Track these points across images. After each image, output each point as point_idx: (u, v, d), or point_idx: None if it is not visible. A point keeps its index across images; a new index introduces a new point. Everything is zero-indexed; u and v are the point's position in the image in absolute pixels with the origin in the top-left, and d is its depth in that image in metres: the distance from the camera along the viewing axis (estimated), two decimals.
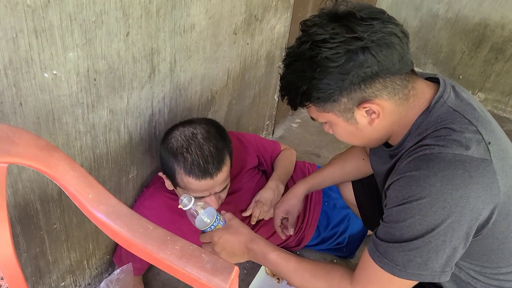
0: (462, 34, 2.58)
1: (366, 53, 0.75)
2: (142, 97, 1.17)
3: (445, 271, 0.77)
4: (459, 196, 0.72)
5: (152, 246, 0.76)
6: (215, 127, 1.23)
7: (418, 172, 0.75)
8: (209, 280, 0.72)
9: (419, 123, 0.82)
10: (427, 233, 0.74)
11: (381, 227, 0.82)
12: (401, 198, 0.76)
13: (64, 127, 0.99)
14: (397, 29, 0.77)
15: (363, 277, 0.82)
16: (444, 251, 0.75)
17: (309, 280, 0.89)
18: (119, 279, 0.80)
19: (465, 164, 0.73)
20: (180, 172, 1.15)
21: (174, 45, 1.19)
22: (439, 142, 0.76)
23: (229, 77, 1.55)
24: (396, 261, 0.77)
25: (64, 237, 1.16)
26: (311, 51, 0.77)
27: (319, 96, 0.80)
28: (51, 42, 0.85)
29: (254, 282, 1.42)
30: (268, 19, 1.62)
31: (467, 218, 0.73)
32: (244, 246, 0.96)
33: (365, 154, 1.26)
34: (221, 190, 1.21)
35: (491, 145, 0.75)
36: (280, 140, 2.20)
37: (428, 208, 0.73)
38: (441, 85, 0.83)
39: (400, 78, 0.79)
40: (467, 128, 0.76)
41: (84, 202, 0.77)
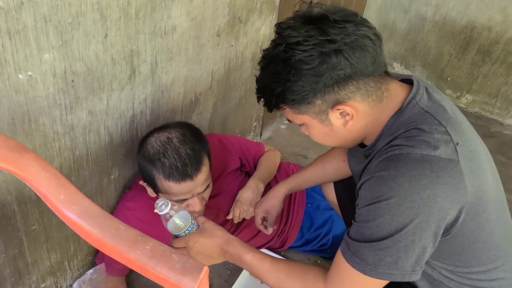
0: (449, 37, 2.60)
1: (339, 55, 0.76)
2: (123, 99, 1.18)
3: (415, 270, 0.77)
4: (427, 196, 0.73)
5: (124, 247, 0.76)
6: (190, 130, 1.23)
7: (387, 172, 0.76)
8: (179, 280, 0.72)
9: (391, 123, 0.83)
10: (396, 233, 0.75)
11: (353, 227, 0.82)
12: (370, 198, 0.77)
13: (41, 128, 0.99)
14: (370, 32, 0.78)
15: (336, 276, 0.83)
16: (414, 250, 0.76)
17: (284, 280, 0.89)
18: (91, 279, 0.80)
19: (432, 164, 0.74)
20: (160, 177, 1.15)
21: (154, 47, 1.20)
22: (408, 143, 0.77)
23: (213, 78, 1.56)
24: (367, 261, 0.77)
25: (44, 238, 1.16)
26: (285, 54, 0.78)
27: (293, 98, 0.81)
28: (25, 43, 0.86)
29: (237, 282, 1.42)
30: (253, 21, 1.63)
31: (435, 218, 0.74)
32: (220, 249, 0.96)
33: (346, 155, 1.26)
34: (203, 190, 1.21)
35: (459, 146, 0.76)
36: (268, 141, 2.21)
37: (397, 208, 0.74)
38: (414, 87, 0.84)
39: (374, 80, 0.80)
40: (437, 129, 0.77)
41: (56, 203, 0.78)
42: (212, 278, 1.50)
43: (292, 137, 2.26)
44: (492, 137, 2.50)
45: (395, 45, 2.84)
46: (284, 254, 1.60)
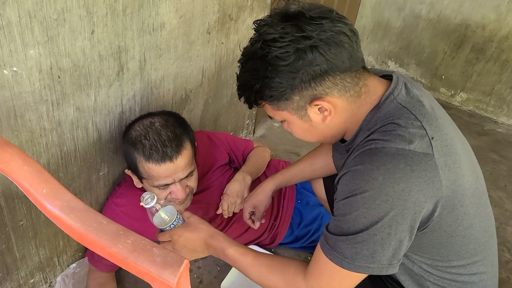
0: (444, 35, 2.61)
1: (314, 51, 0.77)
2: (111, 95, 1.18)
3: (392, 263, 0.78)
4: (401, 190, 0.74)
5: (105, 241, 0.76)
6: (174, 117, 1.25)
7: (362, 166, 0.77)
8: (159, 273, 0.72)
9: (369, 119, 0.83)
10: (372, 226, 0.75)
11: (331, 221, 0.83)
12: (347, 192, 0.78)
13: (27, 124, 1.00)
14: (346, 28, 0.79)
15: (315, 270, 0.84)
16: (390, 243, 0.76)
17: (265, 274, 0.90)
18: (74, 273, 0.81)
19: (407, 158, 0.75)
20: (141, 160, 1.16)
21: (143, 43, 1.20)
22: (384, 137, 0.78)
23: (204, 76, 1.56)
24: (345, 254, 0.78)
25: (32, 234, 1.17)
26: (262, 50, 0.79)
27: (271, 94, 0.82)
28: (9, 39, 0.86)
29: (226, 279, 1.43)
30: (244, 18, 1.63)
31: (410, 211, 0.75)
32: (204, 242, 0.97)
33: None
34: (185, 176, 1.21)
35: (434, 140, 0.77)
36: (261, 139, 2.22)
37: (372, 201, 0.75)
38: (393, 82, 0.85)
39: (351, 76, 0.81)
40: (412, 124, 0.78)
41: (38, 197, 0.78)
42: (202, 274, 1.51)
43: (285, 135, 2.27)
44: (486, 135, 2.51)
45: (390, 43, 2.84)
46: (275, 250, 1.61)
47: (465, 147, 0.87)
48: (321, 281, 0.83)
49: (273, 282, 0.89)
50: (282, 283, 0.88)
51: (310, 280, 0.84)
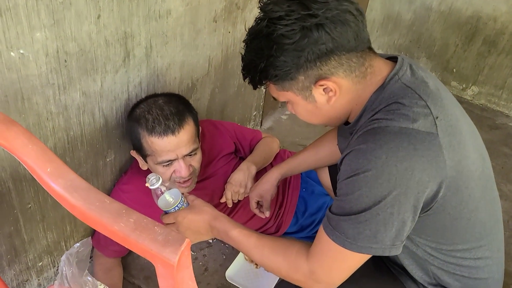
0: (455, 27, 2.57)
1: (320, 30, 0.76)
2: (117, 81, 1.19)
3: (395, 244, 0.78)
4: (404, 169, 0.73)
5: (108, 219, 0.77)
6: (177, 97, 1.28)
7: (365, 145, 0.76)
8: (160, 252, 0.73)
9: (373, 99, 0.83)
10: (374, 205, 0.75)
11: (334, 202, 0.83)
12: (349, 171, 0.77)
13: (34, 107, 1.01)
14: (352, 7, 0.79)
15: (318, 251, 0.83)
16: (393, 223, 0.76)
17: (268, 256, 0.90)
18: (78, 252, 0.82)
19: (410, 137, 0.74)
20: (144, 134, 1.18)
21: (149, 30, 1.21)
22: (387, 116, 0.77)
23: (210, 65, 1.57)
24: (347, 234, 0.78)
25: (40, 217, 1.19)
26: (267, 29, 0.79)
27: (276, 74, 0.82)
28: (16, 21, 0.87)
29: (231, 267, 1.44)
30: (251, 7, 1.63)
31: (413, 191, 0.74)
32: (207, 224, 0.98)
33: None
34: (188, 152, 1.22)
35: (438, 120, 0.76)
36: (269, 131, 2.22)
37: (374, 181, 0.74)
38: (398, 63, 0.84)
39: (356, 56, 0.81)
40: (416, 103, 0.78)
41: (43, 175, 0.79)
42: (208, 262, 1.52)
43: (292, 127, 2.26)
44: (498, 129, 2.47)
45: (400, 36, 2.81)
46: None
47: (471, 129, 0.86)
48: (324, 262, 0.83)
49: (275, 263, 0.89)
50: (285, 264, 0.88)
51: (313, 261, 0.84)
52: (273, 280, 1.38)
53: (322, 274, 0.84)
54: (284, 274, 0.90)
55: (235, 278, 1.39)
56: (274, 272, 0.94)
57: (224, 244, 1.58)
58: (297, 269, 0.87)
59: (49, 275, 1.34)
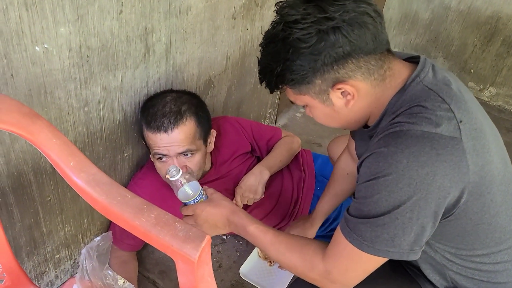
0: (474, 27, 2.54)
1: (337, 33, 0.75)
2: (137, 77, 1.20)
3: (413, 249, 0.77)
4: (425, 173, 0.72)
5: (129, 214, 0.78)
6: (190, 95, 1.29)
7: (386, 148, 0.75)
8: (181, 248, 0.74)
9: (394, 102, 0.82)
10: (393, 210, 0.74)
11: (352, 203, 0.82)
12: (369, 174, 0.77)
13: (56, 101, 1.02)
14: (369, 9, 0.77)
15: (334, 252, 0.83)
16: (411, 228, 0.75)
17: (284, 253, 0.90)
18: (99, 245, 0.83)
19: (433, 141, 0.73)
20: (144, 127, 1.23)
21: (169, 26, 1.21)
22: (409, 119, 0.76)
23: (228, 62, 1.57)
24: (364, 237, 0.77)
25: (59, 210, 1.20)
26: (283, 32, 0.77)
27: (293, 78, 0.81)
28: (41, 15, 0.88)
29: (245, 264, 1.44)
30: (270, 5, 1.63)
31: (434, 196, 0.73)
32: (225, 219, 0.98)
33: (348, 168, 1.28)
34: (181, 151, 1.22)
35: (462, 124, 0.75)
36: (283, 128, 2.21)
37: (394, 185, 0.73)
38: (419, 64, 0.83)
39: (375, 58, 0.79)
40: (440, 106, 0.76)
41: (65, 169, 0.80)
42: (222, 259, 1.52)
43: (307, 125, 2.26)
44: None
45: (417, 36, 2.78)
46: None
47: (493, 132, 0.84)
48: (340, 263, 0.83)
49: (291, 260, 0.89)
50: (300, 262, 0.88)
51: (329, 261, 0.83)
52: (287, 277, 1.38)
53: (337, 274, 0.84)
54: (300, 272, 0.90)
55: (249, 275, 1.39)
56: (289, 269, 0.94)
57: (238, 241, 1.58)
58: (312, 268, 0.87)
59: (66, 267, 1.35)
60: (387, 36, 0.81)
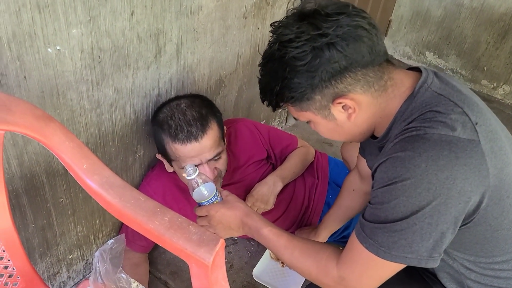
0: (487, 24, 2.49)
1: (331, 48, 0.75)
2: (148, 77, 1.20)
3: (432, 256, 0.75)
4: (445, 178, 0.70)
5: (142, 217, 0.77)
6: (200, 98, 1.26)
7: (404, 153, 0.74)
8: (195, 251, 0.73)
9: (403, 109, 0.80)
10: (412, 215, 0.72)
11: (367, 209, 0.81)
12: (386, 180, 0.75)
13: (68, 103, 1.02)
14: (364, 22, 0.77)
15: (349, 258, 0.82)
16: (430, 234, 0.73)
17: (297, 257, 0.89)
18: (112, 248, 0.82)
19: (451, 144, 0.71)
20: (168, 140, 1.18)
21: (180, 26, 1.21)
22: (425, 124, 0.75)
23: (238, 61, 1.56)
24: (381, 243, 0.76)
25: (71, 211, 1.20)
26: (279, 52, 0.78)
27: (292, 96, 0.81)
28: (54, 17, 0.88)
29: (258, 266, 1.43)
30: (280, 4, 1.61)
31: (454, 201, 0.71)
32: (239, 220, 0.98)
33: (355, 183, 1.28)
34: (212, 157, 1.21)
35: (478, 126, 0.74)
36: (294, 128, 2.20)
37: (413, 190, 0.72)
38: (423, 72, 0.82)
39: (373, 70, 0.79)
40: (453, 110, 0.75)
41: (78, 172, 0.80)
42: (233, 259, 1.51)
43: None
44: None
45: (429, 33, 2.75)
46: None
47: (505, 134, 0.82)
48: (355, 270, 0.81)
49: (305, 265, 0.88)
50: (314, 267, 0.86)
51: (343, 267, 0.82)
52: (299, 279, 1.37)
53: (352, 281, 0.82)
54: (313, 277, 0.89)
55: (262, 277, 1.38)
56: (303, 274, 0.93)
57: (249, 242, 1.57)
58: (326, 274, 0.85)
59: (78, 268, 1.36)
60: (384, 47, 0.81)
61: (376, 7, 2.66)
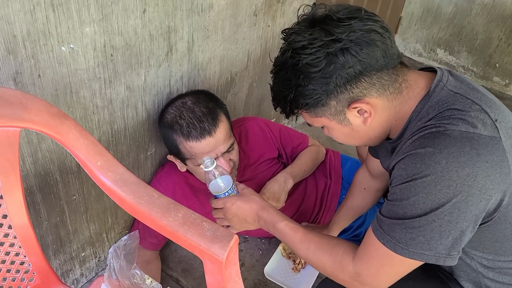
0: (499, 20, 2.46)
1: (346, 54, 0.75)
2: (160, 75, 1.20)
3: (451, 254, 0.74)
4: (466, 175, 0.69)
5: (156, 213, 0.78)
6: (204, 94, 1.26)
7: (423, 149, 0.73)
8: (209, 247, 0.73)
9: (419, 109, 0.80)
10: (431, 212, 0.72)
11: (385, 205, 0.80)
12: (405, 176, 0.74)
13: (81, 101, 1.03)
14: (376, 26, 0.77)
15: (365, 253, 0.81)
16: (449, 232, 0.72)
17: (313, 252, 0.89)
18: (126, 245, 0.83)
19: (472, 141, 0.70)
20: (181, 140, 1.17)
21: (191, 24, 1.21)
22: (443, 121, 0.74)
23: (249, 59, 1.55)
24: (399, 239, 0.75)
25: (83, 209, 1.21)
26: (292, 59, 0.78)
27: (306, 102, 0.80)
28: (67, 16, 0.89)
29: (269, 263, 1.42)
30: (291, 1, 1.61)
31: (475, 199, 0.70)
32: (255, 214, 0.98)
33: (366, 181, 1.26)
34: (226, 149, 1.21)
35: (498, 123, 0.73)
36: (304, 126, 2.19)
37: (433, 187, 0.71)
38: (438, 71, 0.82)
39: (388, 73, 0.78)
40: (471, 107, 0.74)
41: (93, 169, 0.81)
42: (244, 257, 1.52)
43: None
44: None
45: (440, 30, 2.72)
46: None
47: None
48: (371, 265, 0.81)
49: (320, 260, 0.88)
50: (330, 262, 0.86)
51: (360, 263, 0.82)
52: (311, 277, 1.36)
53: (368, 277, 0.82)
54: (329, 272, 0.89)
55: (273, 275, 1.38)
56: (318, 268, 0.93)
57: (260, 240, 1.57)
58: (342, 269, 0.85)
59: (91, 265, 1.37)
60: (397, 50, 0.80)
61: (386, 4, 2.64)
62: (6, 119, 0.75)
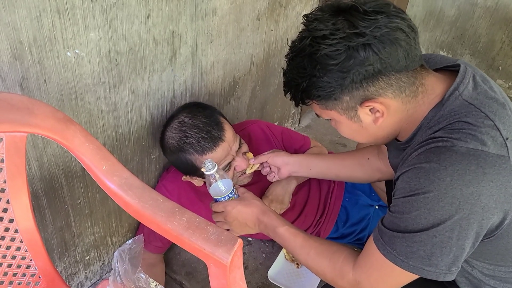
0: (502, 23, 2.46)
1: (367, 50, 0.72)
2: (164, 80, 1.21)
3: (450, 270, 0.74)
4: (470, 193, 0.69)
5: (161, 217, 0.79)
6: (193, 105, 1.27)
7: (428, 164, 0.72)
8: (213, 251, 0.74)
9: (430, 117, 0.78)
10: (432, 227, 0.71)
11: (387, 216, 0.80)
12: (408, 190, 0.74)
13: (86, 106, 1.04)
14: (403, 24, 0.73)
15: (366, 262, 0.81)
16: (450, 248, 0.72)
17: (313, 258, 0.89)
18: (131, 248, 0.83)
19: (479, 159, 0.69)
20: (196, 157, 1.18)
21: (195, 29, 1.22)
22: (452, 135, 0.72)
23: (252, 63, 1.56)
24: (399, 251, 0.75)
25: (88, 213, 1.22)
26: (311, 48, 0.75)
27: (319, 94, 0.78)
28: (73, 22, 0.89)
29: (273, 267, 1.43)
30: (294, 5, 1.61)
31: (477, 217, 0.70)
32: (255, 218, 0.98)
33: (372, 154, 1.22)
34: (239, 146, 1.23)
35: (509, 141, 0.71)
36: (307, 129, 2.20)
37: (435, 203, 0.70)
38: (458, 76, 0.78)
39: (407, 75, 0.76)
40: (483, 122, 0.72)
41: (98, 173, 0.81)
42: (248, 260, 1.52)
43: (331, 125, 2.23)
44: None
45: (442, 33, 2.72)
46: None
47: None
48: (371, 275, 0.81)
49: (320, 266, 0.88)
50: (330, 269, 0.86)
51: (359, 271, 0.82)
52: (315, 281, 1.37)
53: (367, 285, 0.82)
54: (329, 279, 0.89)
55: (277, 278, 1.38)
56: (318, 274, 0.93)
57: (264, 243, 1.58)
58: (342, 276, 0.85)
59: (95, 268, 1.37)
60: (420, 52, 0.77)
61: None
62: (13, 125, 0.76)
